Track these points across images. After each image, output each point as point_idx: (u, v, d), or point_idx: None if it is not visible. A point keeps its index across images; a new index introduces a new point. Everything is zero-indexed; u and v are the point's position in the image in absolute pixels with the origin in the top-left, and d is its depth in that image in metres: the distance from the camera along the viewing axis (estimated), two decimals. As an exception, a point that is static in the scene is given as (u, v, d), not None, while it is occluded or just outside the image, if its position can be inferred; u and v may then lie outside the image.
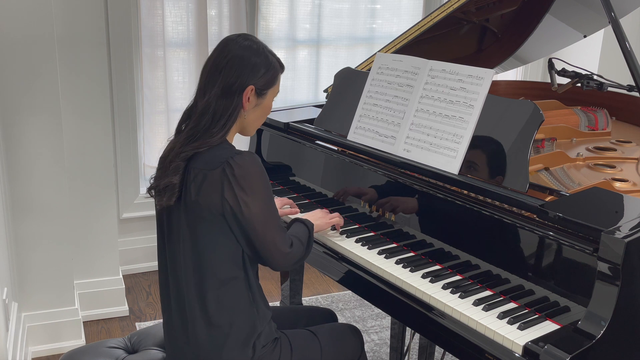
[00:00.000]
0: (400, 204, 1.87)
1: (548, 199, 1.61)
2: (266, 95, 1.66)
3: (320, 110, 2.27)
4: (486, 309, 1.52)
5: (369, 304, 3.22)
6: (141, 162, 3.47)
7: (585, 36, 2.65)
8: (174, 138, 1.66)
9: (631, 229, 1.38)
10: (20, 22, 2.47)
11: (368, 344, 2.87)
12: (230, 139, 1.65)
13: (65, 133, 2.73)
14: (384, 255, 1.80)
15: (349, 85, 2.17)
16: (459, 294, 1.59)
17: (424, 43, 2.36)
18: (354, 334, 1.86)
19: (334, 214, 1.94)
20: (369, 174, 1.97)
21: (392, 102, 1.98)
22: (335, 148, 2.11)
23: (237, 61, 1.60)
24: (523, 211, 1.57)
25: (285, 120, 2.31)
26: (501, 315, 1.49)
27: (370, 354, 2.79)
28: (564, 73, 2.34)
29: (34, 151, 2.60)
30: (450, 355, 1.66)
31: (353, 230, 1.95)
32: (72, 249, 2.81)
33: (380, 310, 2.53)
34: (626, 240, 1.32)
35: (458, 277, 1.68)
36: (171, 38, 3.33)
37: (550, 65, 2.36)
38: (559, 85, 2.39)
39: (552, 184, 1.78)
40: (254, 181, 1.56)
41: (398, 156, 1.91)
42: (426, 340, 2.26)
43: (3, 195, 2.52)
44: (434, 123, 1.85)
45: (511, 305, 1.55)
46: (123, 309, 3.10)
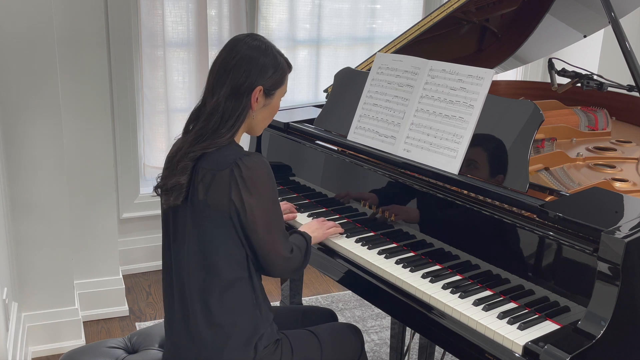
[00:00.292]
0: (401, 204, 1.87)
1: (548, 199, 1.61)
2: (274, 95, 1.67)
3: (320, 110, 2.27)
4: (486, 309, 1.52)
5: (369, 304, 3.22)
6: (141, 162, 3.47)
7: (585, 36, 2.65)
8: (182, 137, 1.67)
9: (631, 229, 1.38)
10: (20, 22, 2.47)
11: (368, 344, 2.87)
12: (238, 138, 1.66)
13: (66, 133, 2.73)
14: (384, 255, 1.80)
15: (349, 85, 2.17)
16: (459, 294, 1.59)
17: (424, 43, 2.36)
18: (354, 334, 1.86)
19: (330, 223, 1.93)
20: (369, 174, 1.97)
21: (392, 102, 1.98)
22: (335, 148, 2.11)
23: (246, 62, 1.60)
24: (523, 211, 1.57)
25: (285, 120, 2.31)
26: (501, 315, 1.49)
27: (370, 354, 2.79)
28: (564, 73, 2.34)
29: (34, 151, 2.60)
30: (450, 355, 1.66)
31: (353, 230, 1.95)
32: (72, 249, 2.81)
33: (380, 310, 2.53)
34: (626, 240, 1.32)
35: (458, 277, 1.68)
36: (171, 38, 3.33)
37: (550, 65, 2.36)
38: (559, 85, 2.39)
39: (552, 184, 1.78)
40: (261, 184, 1.56)
41: (398, 156, 1.91)
42: (426, 340, 2.26)
43: (3, 195, 2.52)
44: (434, 123, 1.85)
45: (511, 305, 1.55)
46: (123, 309, 3.10)
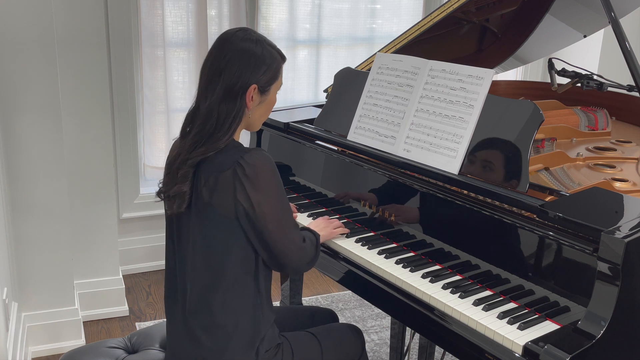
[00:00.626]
0: (400, 204, 1.87)
1: (548, 199, 1.61)
2: (269, 91, 1.64)
3: (320, 110, 2.27)
4: (486, 309, 1.52)
5: (369, 304, 3.21)
6: (141, 162, 3.47)
7: (585, 36, 2.65)
8: (180, 142, 1.63)
9: (631, 229, 1.38)
10: (20, 22, 2.47)
11: (368, 344, 2.87)
12: (237, 136, 1.64)
13: (65, 133, 2.73)
14: (384, 255, 1.80)
15: (349, 85, 2.17)
16: (459, 294, 1.59)
17: (424, 43, 2.36)
18: (355, 334, 1.86)
19: (337, 222, 1.92)
20: (369, 174, 1.97)
21: (392, 102, 1.98)
22: (335, 148, 2.11)
23: (237, 61, 1.56)
24: (523, 211, 1.57)
25: (285, 120, 2.31)
26: (501, 315, 1.49)
27: (370, 354, 2.79)
28: (564, 73, 2.34)
29: (34, 151, 2.60)
30: (450, 355, 1.66)
31: (353, 230, 1.95)
32: (72, 249, 2.81)
33: (380, 310, 2.53)
34: (626, 240, 1.32)
35: (458, 277, 1.68)
36: (171, 38, 3.33)
37: (550, 65, 2.36)
38: (559, 85, 2.39)
39: (552, 184, 1.78)
40: (266, 179, 1.54)
41: (398, 156, 1.91)
42: (426, 340, 2.26)
43: (3, 195, 2.52)
44: (434, 123, 1.85)
45: (511, 305, 1.55)
46: (123, 309, 3.10)
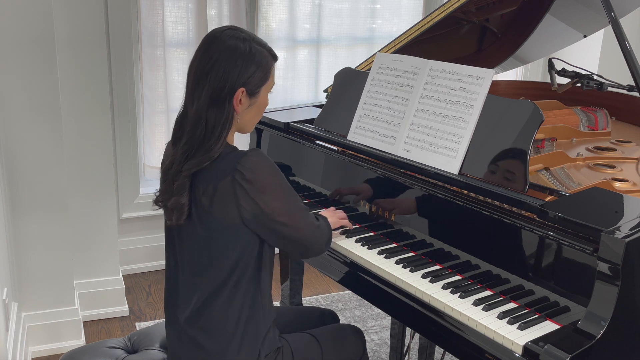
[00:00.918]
0: (400, 204, 1.87)
1: (548, 199, 1.61)
2: (259, 93, 1.57)
3: (320, 110, 2.27)
4: (486, 309, 1.52)
5: (369, 304, 3.21)
6: (141, 162, 3.48)
7: (585, 36, 2.65)
8: (172, 148, 1.58)
9: (631, 229, 1.38)
10: (20, 22, 2.47)
11: (368, 344, 2.86)
12: (231, 140, 1.59)
13: (65, 133, 2.73)
14: (384, 255, 1.80)
15: (349, 85, 2.17)
16: (459, 294, 1.59)
17: (424, 43, 2.36)
18: (355, 335, 1.85)
19: (341, 213, 1.92)
20: (369, 174, 1.97)
21: (392, 102, 1.98)
22: (335, 148, 2.11)
23: (223, 63, 1.50)
24: (523, 211, 1.57)
25: (285, 120, 2.31)
26: (501, 315, 1.49)
27: (370, 354, 2.79)
28: (564, 73, 2.34)
29: (34, 151, 2.60)
30: (450, 355, 1.66)
31: (353, 230, 1.95)
32: (72, 249, 2.81)
33: (380, 310, 2.53)
34: (626, 240, 1.32)
35: (458, 277, 1.68)
36: (171, 38, 3.33)
37: (550, 65, 2.36)
38: (559, 85, 2.39)
39: (552, 184, 1.78)
40: (267, 178, 1.51)
41: (398, 156, 1.91)
42: (426, 340, 2.26)
43: (3, 195, 2.52)
44: (434, 123, 1.85)
45: (511, 305, 1.55)
46: (123, 309, 3.10)
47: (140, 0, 3.21)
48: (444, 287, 1.63)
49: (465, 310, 1.53)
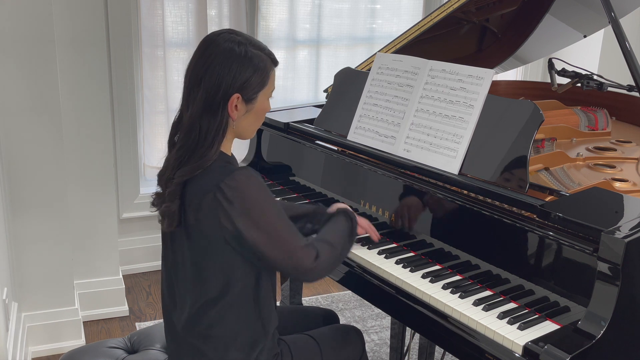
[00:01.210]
0: (401, 204, 1.87)
1: (548, 199, 1.61)
2: (256, 99, 1.51)
3: (320, 110, 2.27)
4: (486, 309, 1.52)
5: (369, 304, 3.21)
6: (141, 162, 3.48)
7: (585, 36, 2.65)
8: (168, 153, 1.56)
9: (631, 229, 1.38)
10: (20, 22, 2.47)
11: (368, 344, 2.87)
12: (227, 147, 1.55)
13: (65, 133, 2.73)
14: (384, 255, 1.80)
15: (349, 85, 2.17)
16: (459, 294, 1.59)
17: (424, 43, 2.36)
18: (355, 336, 1.85)
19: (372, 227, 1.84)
20: (369, 174, 1.97)
21: (392, 102, 1.98)
22: (335, 148, 2.11)
23: (217, 68, 1.45)
24: (523, 211, 1.57)
25: (285, 120, 2.31)
26: (501, 315, 1.49)
27: (370, 354, 2.79)
28: (564, 73, 2.34)
29: (34, 151, 2.60)
30: (450, 355, 1.66)
31: (353, 230, 1.94)
32: (72, 249, 2.81)
33: (380, 310, 2.53)
34: (626, 240, 1.32)
35: (458, 277, 1.68)
36: (171, 38, 3.33)
37: (550, 65, 2.36)
38: (559, 85, 2.39)
39: (552, 184, 1.78)
40: (250, 199, 1.43)
41: (398, 156, 1.91)
42: (426, 340, 2.26)
43: (3, 195, 2.52)
44: (434, 123, 1.85)
45: (511, 305, 1.55)
46: (123, 309, 3.10)
47: (140, 0, 3.21)
48: (444, 287, 1.63)
49: (465, 310, 1.53)
